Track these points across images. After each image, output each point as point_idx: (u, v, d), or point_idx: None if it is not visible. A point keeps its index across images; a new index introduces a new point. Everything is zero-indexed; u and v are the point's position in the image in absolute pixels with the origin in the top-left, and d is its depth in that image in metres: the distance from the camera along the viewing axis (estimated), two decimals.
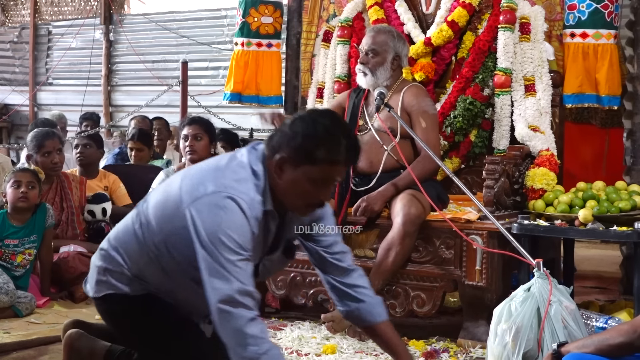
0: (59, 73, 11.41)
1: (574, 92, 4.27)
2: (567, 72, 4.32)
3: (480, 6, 4.45)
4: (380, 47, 4.03)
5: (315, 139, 2.36)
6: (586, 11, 4.25)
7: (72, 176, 4.90)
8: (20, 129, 11.43)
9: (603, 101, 4.29)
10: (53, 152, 4.68)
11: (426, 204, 3.71)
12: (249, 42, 5.13)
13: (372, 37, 4.07)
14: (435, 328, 4.02)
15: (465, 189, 3.51)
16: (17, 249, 4.23)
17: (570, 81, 4.29)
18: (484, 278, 3.62)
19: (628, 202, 3.65)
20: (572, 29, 4.31)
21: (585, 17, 4.27)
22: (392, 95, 4.04)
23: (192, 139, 4.59)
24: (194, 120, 4.75)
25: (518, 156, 4.01)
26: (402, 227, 3.65)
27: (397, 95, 4.03)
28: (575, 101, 4.31)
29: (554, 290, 2.90)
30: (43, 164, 4.62)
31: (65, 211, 4.72)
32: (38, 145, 4.66)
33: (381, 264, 3.72)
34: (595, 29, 4.26)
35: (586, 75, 4.27)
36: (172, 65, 10.02)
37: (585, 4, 4.25)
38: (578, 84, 4.26)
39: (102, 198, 4.89)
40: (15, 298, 3.99)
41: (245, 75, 5.11)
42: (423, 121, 3.93)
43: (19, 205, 4.23)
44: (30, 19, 11.54)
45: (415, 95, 4.01)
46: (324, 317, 3.68)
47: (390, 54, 4.05)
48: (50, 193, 4.67)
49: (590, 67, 4.27)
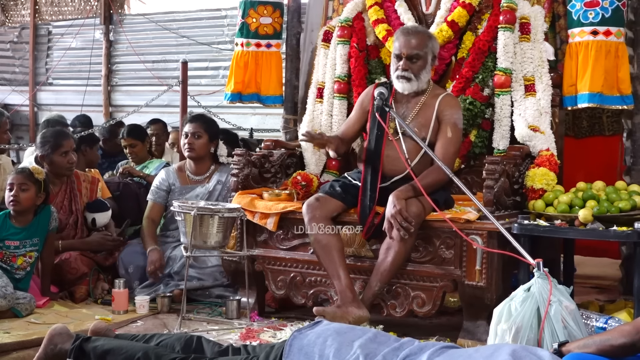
0: (59, 73, 11.39)
1: (598, 91, 4.13)
2: (593, 71, 4.16)
3: (480, 6, 4.45)
4: (422, 51, 3.96)
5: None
6: (609, 8, 4.15)
7: (84, 176, 4.85)
8: (20, 129, 11.42)
9: (626, 101, 4.20)
10: (70, 152, 4.65)
11: (426, 203, 3.71)
12: (248, 42, 5.15)
13: (409, 40, 3.96)
14: (435, 328, 4.03)
15: (465, 189, 3.51)
16: (17, 250, 4.21)
17: (595, 80, 4.14)
18: (484, 278, 3.62)
19: (628, 202, 3.65)
20: (594, 26, 4.17)
21: (609, 14, 4.16)
22: (427, 101, 4.01)
23: (192, 136, 4.70)
24: (195, 118, 4.81)
25: (518, 156, 4.01)
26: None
27: (434, 100, 3.99)
28: (598, 101, 4.16)
29: (554, 290, 2.90)
30: (60, 163, 4.59)
31: (74, 214, 4.69)
32: (55, 145, 4.60)
33: (381, 264, 3.72)
34: (617, 26, 4.17)
35: (606, 75, 4.15)
36: (172, 65, 10.02)
37: (608, 0, 4.14)
38: (601, 83, 4.14)
39: (99, 207, 4.80)
40: (14, 301, 3.97)
41: (245, 76, 5.12)
42: (450, 131, 3.91)
43: (10, 208, 4.21)
44: (30, 19, 11.53)
45: (451, 106, 3.99)
46: (316, 310, 3.67)
47: (430, 55, 4.01)
48: (59, 196, 4.64)
49: (612, 66, 4.16)
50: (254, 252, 4.17)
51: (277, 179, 4.54)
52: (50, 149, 4.60)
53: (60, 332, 2.96)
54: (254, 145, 6.88)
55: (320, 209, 3.87)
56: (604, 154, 4.98)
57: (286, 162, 4.61)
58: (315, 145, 4.29)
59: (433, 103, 3.99)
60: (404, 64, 3.96)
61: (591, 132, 5.07)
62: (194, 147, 4.71)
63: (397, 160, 3.94)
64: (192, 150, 4.72)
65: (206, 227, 3.96)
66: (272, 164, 4.51)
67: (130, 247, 4.70)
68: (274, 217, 4.08)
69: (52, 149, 4.60)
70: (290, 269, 4.11)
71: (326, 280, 3.97)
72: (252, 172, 4.37)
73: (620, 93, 4.19)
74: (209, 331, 3.87)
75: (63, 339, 2.93)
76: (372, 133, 4.03)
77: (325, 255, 3.83)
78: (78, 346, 2.87)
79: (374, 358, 2.32)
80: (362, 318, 3.65)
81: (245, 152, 4.39)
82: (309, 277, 4.05)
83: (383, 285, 3.76)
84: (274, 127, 7.86)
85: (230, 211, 4.02)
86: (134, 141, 5.84)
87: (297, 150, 4.69)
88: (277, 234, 4.13)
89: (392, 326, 3.81)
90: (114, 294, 4.23)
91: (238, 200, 4.18)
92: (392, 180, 3.93)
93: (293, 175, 4.50)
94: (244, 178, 4.32)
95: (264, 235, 4.18)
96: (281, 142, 4.79)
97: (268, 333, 3.84)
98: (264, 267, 4.17)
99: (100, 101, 10.87)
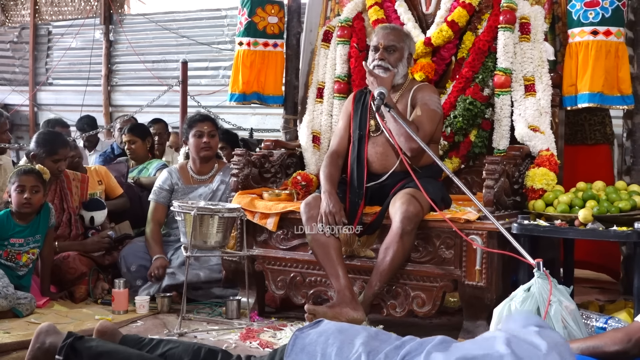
0: (59, 73, 11.41)
1: (599, 91, 4.12)
2: (593, 71, 4.14)
3: (480, 6, 4.45)
4: (398, 44, 4.04)
5: None
6: (609, 8, 4.15)
7: (73, 175, 4.87)
8: (20, 129, 11.44)
9: (627, 101, 4.20)
10: (62, 161, 4.67)
11: (425, 203, 3.71)
12: (255, 42, 5.08)
13: (387, 34, 4.07)
14: (435, 328, 4.02)
15: (465, 189, 3.51)
16: (22, 248, 4.22)
17: (595, 80, 4.13)
18: (484, 278, 3.62)
19: (628, 202, 3.65)
20: (594, 26, 4.16)
21: (609, 14, 4.16)
22: (403, 94, 4.06)
23: (208, 135, 4.70)
24: (205, 117, 4.82)
25: (518, 156, 4.01)
26: (400, 225, 3.65)
27: (408, 94, 4.04)
28: (598, 101, 4.15)
29: (554, 290, 2.90)
30: (50, 168, 4.58)
31: (66, 212, 4.71)
32: (51, 151, 4.61)
33: (380, 264, 3.72)
34: (617, 26, 4.17)
35: (607, 75, 4.14)
36: (172, 65, 10.03)
37: (608, 0, 4.14)
38: (601, 83, 4.13)
39: (96, 205, 4.82)
40: (14, 302, 3.97)
41: (251, 75, 5.09)
42: (420, 110, 3.93)
43: (23, 211, 4.23)
44: (30, 19, 11.54)
45: (423, 90, 4.04)
46: (307, 308, 3.67)
47: (406, 50, 4.08)
48: (49, 195, 4.66)
49: (612, 65, 4.15)
50: (254, 252, 4.17)
51: (277, 179, 4.54)
52: (44, 154, 4.62)
53: (47, 329, 2.89)
54: (254, 145, 6.90)
55: (318, 208, 3.87)
56: (588, 164, 4.90)
57: (286, 162, 4.61)
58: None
59: (407, 95, 4.04)
60: (381, 53, 4.02)
61: (574, 140, 5.03)
62: (211, 146, 4.74)
63: (384, 157, 3.97)
64: (210, 149, 4.73)
65: (206, 227, 3.96)
66: (272, 164, 4.51)
67: (133, 246, 4.67)
68: (274, 217, 4.09)
69: (46, 153, 4.62)
70: (290, 269, 4.11)
71: (326, 280, 3.97)
72: (252, 172, 4.37)
73: (620, 93, 4.18)
74: (209, 331, 3.87)
75: (51, 336, 2.86)
76: (355, 133, 4.08)
77: (324, 254, 3.83)
78: (70, 344, 2.78)
79: (377, 356, 2.32)
80: (357, 320, 3.61)
81: (245, 152, 4.39)
82: (309, 277, 4.05)
83: (383, 285, 3.76)
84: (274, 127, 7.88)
85: (230, 211, 4.02)
86: (135, 138, 5.85)
87: (297, 150, 4.69)
88: (277, 234, 4.13)
89: (392, 326, 3.81)
90: (114, 293, 4.23)
91: (238, 200, 4.18)
92: (384, 177, 3.95)
93: (293, 175, 4.50)
94: (244, 178, 4.32)
95: (264, 235, 4.18)
96: (281, 142, 4.79)
97: (268, 333, 3.84)
98: (263, 267, 4.17)
99: (100, 101, 10.89)
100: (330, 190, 3.89)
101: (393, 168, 3.95)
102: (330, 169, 4.02)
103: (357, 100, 4.15)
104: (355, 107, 4.14)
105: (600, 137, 5.08)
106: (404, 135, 3.83)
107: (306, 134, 4.65)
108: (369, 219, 3.86)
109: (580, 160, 4.85)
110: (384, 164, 3.99)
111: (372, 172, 3.99)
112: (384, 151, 3.99)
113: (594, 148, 5.09)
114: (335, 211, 3.81)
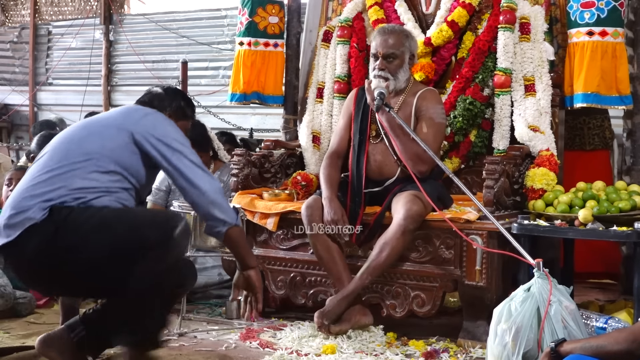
0: (59, 73, 11.40)
1: (593, 91, 4.12)
2: (587, 71, 4.14)
3: (480, 6, 4.45)
4: (398, 50, 3.98)
5: None
6: (605, 9, 4.14)
7: None
8: (20, 129, 11.43)
9: (625, 101, 4.18)
10: None
11: (427, 203, 3.71)
12: (256, 41, 5.07)
13: (386, 40, 3.99)
14: (435, 328, 4.02)
15: (465, 189, 3.51)
16: None
17: (589, 80, 4.13)
18: (484, 278, 3.62)
19: (628, 202, 3.64)
20: (590, 27, 4.15)
21: (605, 15, 4.14)
22: (406, 99, 4.02)
23: None
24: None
25: (518, 156, 4.01)
26: (403, 222, 3.65)
27: (412, 98, 4.00)
28: (593, 101, 4.14)
29: (554, 290, 2.90)
30: None
31: None
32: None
33: (375, 258, 3.71)
34: (614, 27, 4.15)
35: (603, 75, 4.13)
36: (172, 65, 10.02)
37: (604, 1, 4.14)
38: (596, 83, 4.12)
39: None
40: (12, 301, 3.96)
41: (251, 75, 5.09)
42: (425, 126, 3.91)
43: None
44: (30, 19, 11.53)
45: (427, 100, 3.99)
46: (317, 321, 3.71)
47: (407, 54, 4.02)
48: None
49: (609, 66, 4.14)
50: (254, 252, 4.17)
51: (277, 179, 4.54)
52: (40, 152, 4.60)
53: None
54: (254, 145, 6.89)
55: (319, 210, 3.87)
56: (586, 171, 4.83)
57: (286, 162, 4.61)
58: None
59: (411, 100, 4.00)
60: (381, 63, 3.98)
61: (572, 145, 5.01)
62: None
63: (383, 165, 3.97)
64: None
65: None
66: (272, 164, 4.51)
67: None
68: (273, 217, 4.09)
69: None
70: (290, 269, 4.11)
71: (326, 280, 3.97)
72: (252, 172, 4.37)
73: (619, 93, 4.17)
74: (209, 331, 3.87)
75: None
76: (355, 137, 4.05)
77: (328, 256, 3.83)
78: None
79: None
80: (366, 325, 3.72)
81: (245, 152, 4.39)
82: (309, 277, 4.05)
83: (372, 280, 3.76)
84: (274, 127, 7.87)
85: None
86: None
87: (297, 150, 4.69)
88: (277, 234, 4.13)
89: (392, 326, 3.81)
90: None
91: (238, 200, 4.18)
92: (385, 185, 3.93)
93: (293, 175, 4.50)
94: (244, 178, 4.32)
95: (264, 235, 4.18)
96: (281, 142, 4.79)
97: (268, 333, 3.84)
98: (264, 267, 4.17)
99: (100, 101, 10.87)
100: (331, 197, 3.88)
101: (394, 178, 3.93)
102: (329, 171, 4.01)
103: (359, 99, 4.12)
104: (356, 107, 4.11)
105: (598, 142, 5.06)
106: (411, 159, 3.82)
107: (306, 134, 4.65)
108: (369, 219, 3.86)
109: (578, 167, 4.83)
110: (383, 173, 3.97)
111: (370, 179, 3.98)
112: (382, 160, 3.97)
113: (592, 154, 5.08)
114: (337, 218, 3.81)
